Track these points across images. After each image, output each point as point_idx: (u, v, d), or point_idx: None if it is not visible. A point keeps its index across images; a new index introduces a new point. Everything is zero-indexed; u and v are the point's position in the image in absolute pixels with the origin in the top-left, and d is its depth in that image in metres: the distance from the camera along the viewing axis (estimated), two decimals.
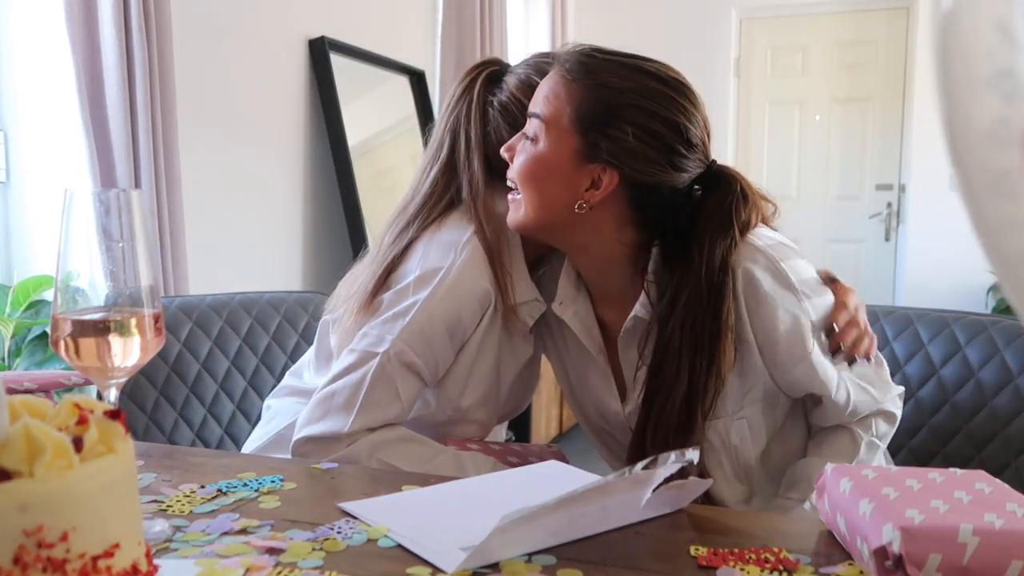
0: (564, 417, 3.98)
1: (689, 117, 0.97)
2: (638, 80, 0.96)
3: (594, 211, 0.99)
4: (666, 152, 0.96)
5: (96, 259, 0.70)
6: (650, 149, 0.96)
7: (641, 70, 0.97)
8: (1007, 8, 0.24)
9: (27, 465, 0.44)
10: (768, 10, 4.85)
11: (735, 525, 0.77)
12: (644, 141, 0.96)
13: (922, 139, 4.49)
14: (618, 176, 0.97)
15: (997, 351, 1.28)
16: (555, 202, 1.00)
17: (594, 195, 0.98)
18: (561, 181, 0.99)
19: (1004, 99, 0.24)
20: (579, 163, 0.98)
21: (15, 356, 1.80)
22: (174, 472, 0.90)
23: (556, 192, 0.99)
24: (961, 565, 0.59)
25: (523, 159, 1.01)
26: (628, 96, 0.96)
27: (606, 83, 0.96)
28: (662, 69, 0.99)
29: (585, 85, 0.97)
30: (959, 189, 0.26)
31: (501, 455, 1.12)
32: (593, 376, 1.11)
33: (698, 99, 1.00)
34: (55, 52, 1.80)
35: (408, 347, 1.03)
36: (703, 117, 1.00)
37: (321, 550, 0.69)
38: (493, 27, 3.87)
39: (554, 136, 0.98)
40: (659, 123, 0.96)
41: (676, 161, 0.97)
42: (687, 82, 1.00)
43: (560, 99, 0.98)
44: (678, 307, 0.97)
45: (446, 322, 1.04)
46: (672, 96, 0.97)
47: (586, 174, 0.98)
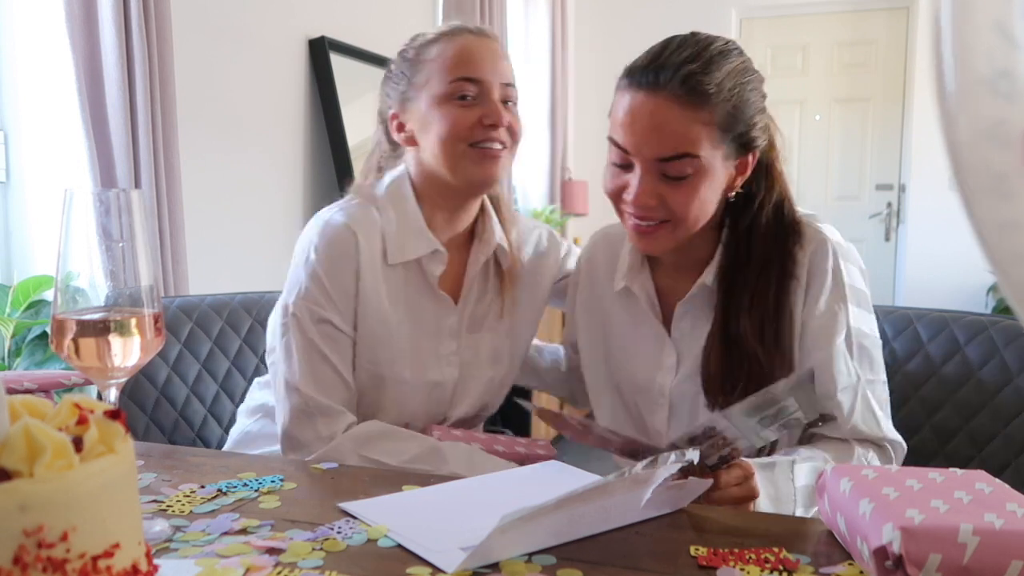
0: None
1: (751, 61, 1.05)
2: (731, 64, 0.99)
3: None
4: (765, 112, 1.04)
5: (96, 259, 0.70)
6: (763, 116, 1.04)
7: (725, 54, 1.00)
8: (1006, 9, 0.24)
9: (27, 465, 0.44)
10: (768, 10, 4.85)
11: (735, 525, 0.77)
12: (761, 111, 1.03)
13: (922, 139, 4.49)
14: (757, 152, 1.04)
15: (997, 351, 1.28)
16: (711, 207, 1.03)
17: (741, 179, 1.04)
18: (719, 188, 1.03)
19: (1003, 100, 0.24)
20: (731, 162, 1.02)
21: (15, 356, 1.80)
22: (174, 472, 0.90)
23: (714, 200, 1.03)
24: (961, 565, 0.59)
25: (688, 199, 0.99)
26: (741, 86, 0.99)
27: (720, 86, 0.97)
28: (726, 43, 1.02)
29: (707, 101, 0.96)
30: (958, 190, 0.26)
31: (487, 443, 1.14)
32: (645, 345, 1.13)
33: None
34: (55, 52, 1.80)
35: (307, 305, 1.09)
36: None
37: (321, 550, 0.69)
38: (493, 27, 3.87)
39: (706, 161, 0.98)
40: (759, 86, 1.03)
41: (767, 128, 1.05)
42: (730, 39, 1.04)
43: (694, 127, 0.97)
44: (748, 270, 1.03)
45: (328, 278, 1.10)
46: (745, 57, 1.03)
47: (736, 167, 1.03)
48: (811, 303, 1.03)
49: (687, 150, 0.97)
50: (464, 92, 1.10)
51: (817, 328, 1.02)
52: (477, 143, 1.11)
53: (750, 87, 1.00)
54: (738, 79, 0.99)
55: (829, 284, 1.03)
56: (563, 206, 4.72)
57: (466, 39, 1.13)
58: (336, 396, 1.09)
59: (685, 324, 1.10)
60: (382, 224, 1.14)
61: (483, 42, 1.14)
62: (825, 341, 1.02)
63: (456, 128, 1.10)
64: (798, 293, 1.04)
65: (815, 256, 1.04)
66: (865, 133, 4.74)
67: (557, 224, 4.46)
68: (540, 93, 4.70)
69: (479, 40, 1.14)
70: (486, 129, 1.11)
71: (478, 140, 1.11)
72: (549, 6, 4.68)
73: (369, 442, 1.06)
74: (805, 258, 1.04)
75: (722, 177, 1.01)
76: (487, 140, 1.11)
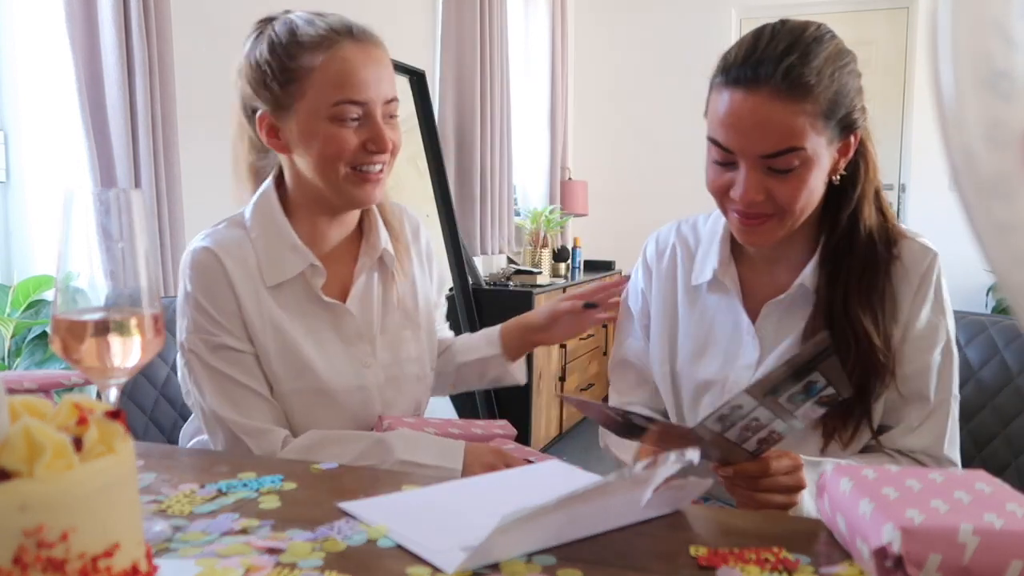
0: (564, 417, 3.98)
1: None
2: (826, 50, 0.98)
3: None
4: (862, 91, 1.03)
5: (96, 259, 0.70)
6: (861, 96, 1.02)
7: (819, 40, 0.98)
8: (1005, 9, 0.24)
9: (27, 465, 0.44)
10: (768, 10, 4.84)
11: (735, 525, 0.77)
12: (859, 91, 1.01)
13: (922, 139, 4.49)
14: (859, 132, 1.03)
15: (997, 351, 1.28)
16: (818, 194, 1.03)
17: (844, 160, 1.03)
18: (824, 173, 1.02)
19: (1002, 100, 0.24)
20: (834, 146, 1.01)
21: (15, 356, 1.80)
22: (174, 472, 0.90)
23: (821, 186, 1.02)
24: (961, 565, 0.59)
25: (796, 191, 0.98)
26: (839, 69, 0.98)
27: (820, 74, 0.96)
28: (818, 27, 1.01)
29: (809, 91, 0.95)
30: (957, 191, 0.26)
31: (441, 428, 1.14)
32: (721, 340, 1.13)
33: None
34: (55, 52, 1.80)
35: (198, 337, 1.09)
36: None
37: (321, 550, 0.69)
38: (493, 27, 3.87)
39: (812, 151, 0.97)
40: (855, 66, 1.01)
41: (863, 105, 1.04)
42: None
43: (798, 119, 0.95)
44: (852, 262, 1.04)
45: (209, 303, 1.09)
46: (838, 38, 1.02)
47: (839, 149, 1.02)
48: (915, 311, 1.04)
49: (793, 144, 0.96)
50: (347, 115, 1.06)
51: (919, 337, 1.04)
52: (359, 166, 1.09)
53: (847, 69, 0.99)
54: (836, 63, 0.97)
55: (931, 295, 1.04)
56: (563, 206, 4.73)
57: (347, 51, 1.07)
58: (259, 415, 1.09)
59: (771, 322, 1.10)
60: (253, 246, 1.12)
61: (366, 52, 1.09)
62: (926, 350, 1.04)
63: (338, 152, 1.07)
64: (902, 292, 1.05)
65: (926, 265, 1.05)
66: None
67: (557, 224, 4.46)
68: (540, 93, 4.70)
69: (362, 51, 1.08)
70: (369, 153, 1.09)
71: (360, 163, 1.09)
72: (549, 6, 4.68)
73: (311, 451, 1.06)
74: (909, 260, 1.05)
75: (827, 162, 1.00)
76: (369, 163, 1.10)
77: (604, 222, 5.11)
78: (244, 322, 1.10)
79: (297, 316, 1.13)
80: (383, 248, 1.19)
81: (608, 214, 5.12)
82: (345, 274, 1.19)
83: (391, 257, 1.21)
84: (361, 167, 1.09)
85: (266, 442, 1.07)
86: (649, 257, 1.24)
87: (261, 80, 1.09)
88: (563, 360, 3.90)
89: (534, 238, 4.32)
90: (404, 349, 1.22)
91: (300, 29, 1.08)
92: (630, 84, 5.12)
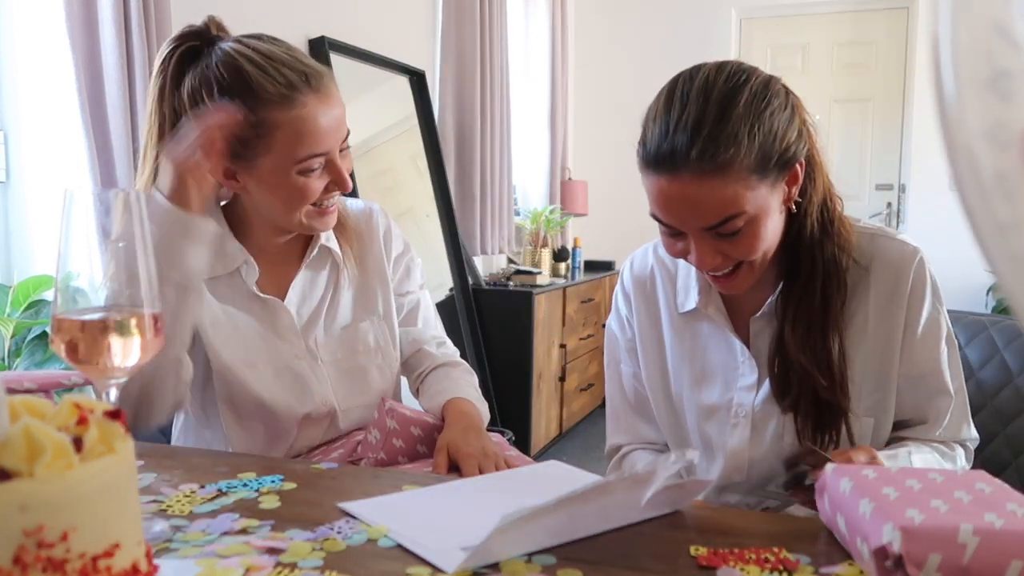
0: (564, 417, 3.98)
1: (759, 76, 0.98)
2: (741, 102, 0.93)
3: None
4: (795, 117, 0.99)
5: (96, 259, 0.70)
6: (794, 124, 0.98)
7: (731, 93, 0.94)
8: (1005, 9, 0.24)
9: (27, 465, 0.44)
10: (768, 10, 4.85)
11: (735, 525, 0.77)
12: (790, 121, 0.97)
13: (922, 139, 4.49)
14: (801, 161, 0.99)
15: (997, 351, 1.28)
16: (777, 234, 1.02)
17: (796, 187, 1.01)
18: (777, 213, 1.00)
19: (1002, 100, 0.24)
20: (780, 184, 0.98)
21: (15, 356, 1.80)
22: (174, 472, 0.90)
23: (778, 226, 1.01)
24: (961, 565, 0.59)
25: (750, 245, 0.97)
26: (759, 118, 0.93)
27: (738, 137, 0.92)
28: (728, 76, 0.95)
29: (730, 163, 0.92)
30: (957, 191, 0.26)
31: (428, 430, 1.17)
32: (717, 365, 1.12)
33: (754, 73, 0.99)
34: (55, 52, 1.80)
35: None
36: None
37: (321, 550, 0.69)
38: (493, 27, 3.87)
39: (754, 206, 0.94)
40: (779, 96, 0.97)
41: (801, 127, 1.00)
42: (741, 70, 0.98)
43: (727, 190, 0.92)
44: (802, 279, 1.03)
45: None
46: (754, 78, 0.96)
47: (787, 182, 0.99)
48: (914, 310, 1.04)
49: (730, 212, 0.93)
50: (312, 167, 1.10)
51: (925, 334, 1.05)
52: (319, 203, 1.14)
53: (769, 110, 0.94)
54: (753, 113, 0.93)
55: (928, 291, 1.05)
56: (563, 206, 4.73)
57: (309, 106, 1.07)
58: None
59: (762, 339, 1.09)
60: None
61: (324, 102, 1.09)
62: (933, 345, 1.05)
63: (304, 199, 1.12)
64: (886, 294, 1.05)
65: (913, 264, 1.05)
66: (865, 133, 4.73)
67: (557, 224, 4.46)
68: (540, 93, 4.70)
69: (321, 101, 1.09)
70: (329, 192, 1.14)
71: (320, 201, 1.14)
72: (549, 6, 4.68)
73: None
74: (887, 262, 1.05)
75: (776, 203, 0.98)
76: (327, 199, 1.15)
77: (604, 222, 5.11)
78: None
79: (231, 304, 1.17)
80: (324, 244, 1.24)
81: (608, 214, 5.12)
82: (290, 271, 1.23)
83: (337, 255, 1.25)
84: (321, 203, 1.14)
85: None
86: (627, 284, 1.22)
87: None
88: (563, 360, 3.90)
89: (534, 238, 4.32)
90: (362, 341, 1.25)
91: (257, 82, 1.06)
92: (630, 84, 5.12)
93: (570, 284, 3.99)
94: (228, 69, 1.07)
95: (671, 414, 1.17)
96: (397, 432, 1.14)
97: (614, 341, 1.24)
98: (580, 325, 4.12)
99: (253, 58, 1.07)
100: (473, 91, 3.74)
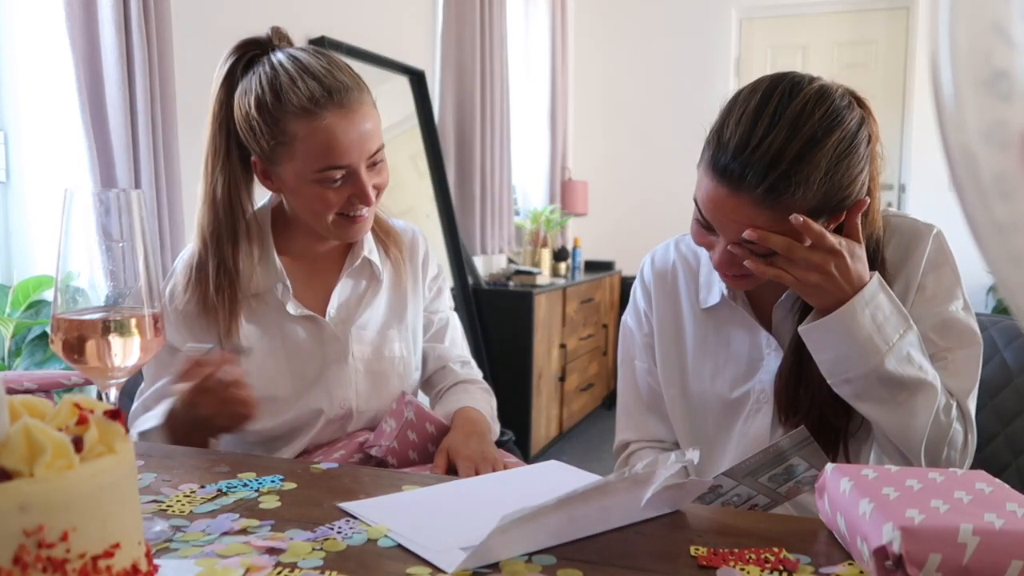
0: (564, 417, 3.98)
1: (854, 120, 0.95)
2: (824, 151, 0.91)
3: None
4: (865, 168, 0.96)
5: (96, 259, 0.70)
6: (864, 174, 0.96)
7: (820, 138, 0.91)
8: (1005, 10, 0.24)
9: (27, 465, 0.44)
10: (768, 10, 4.85)
11: (735, 525, 0.77)
12: (861, 171, 0.95)
13: (922, 139, 4.49)
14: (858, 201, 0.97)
15: (997, 351, 1.28)
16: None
17: (835, 225, 0.98)
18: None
19: (1002, 100, 0.24)
20: (822, 221, 0.96)
21: (15, 356, 1.80)
22: (174, 472, 0.90)
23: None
24: (961, 565, 0.59)
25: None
26: (835, 168, 0.92)
27: (809, 183, 0.91)
28: (823, 116, 0.93)
29: (793, 202, 0.91)
30: (956, 191, 0.26)
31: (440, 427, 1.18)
32: (739, 355, 1.12)
33: (841, 97, 0.97)
34: (55, 52, 1.80)
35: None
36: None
37: (321, 550, 0.69)
38: (493, 27, 3.87)
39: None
40: (859, 149, 0.94)
41: (871, 171, 0.98)
42: (824, 93, 0.95)
43: (779, 224, 0.92)
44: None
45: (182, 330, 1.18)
46: (847, 123, 0.94)
47: (829, 221, 0.97)
48: (926, 276, 1.03)
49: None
50: (332, 178, 1.12)
51: (931, 295, 1.02)
52: (346, 213, 1.16)
53: (848, 161, 0.93)
54: (833, 162, 0.92)
55: (943, 263, 1.03)
56: (563, 206, 4.73)
57: (330, 120, 1.09)
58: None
59: (786, 325, 1.09)
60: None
61: (348, 119, 1.10)
62: (945, 302, 1.02)
63: (325, 209, 1.14)
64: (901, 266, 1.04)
65: (928, 238, 1.04)
66: None
67: (557, 224, 4.46)
68: (540, 93, 4.70)
69: (344, 117, 1.10)
70: (354, 205, 1.15)
71: (347, 211, 1.16)
72: (549, 6, 4.68)
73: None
74: (902, 240, 1.04)
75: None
76: (355, 211, 1.16)
77: (604, 222, 5.11)
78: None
79: (266, 328, 1.21)
80: (364, 255, 1.26)
81: (608, 214, 5.12)
82: (331, 280, 1.26)
83: (376, 266, 1.27)
84: (348, 213, 1.16)
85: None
86: (647, 278, 1.22)
87: (251, 132, 1.13)
88: (563, 360, 3.90)
89: (534, 238, 4.32)
90: (388, 347, 1.27)
91: (284, 92, 1.10)
92: (630, 84, 5.12)
93: (570, 284, 4.00)
94: (267, 79, 1.12)
95: (686, 409, 1.18)
96: (413, 424, 1.15)
97: (630, 337, 1.24)
98: (580, 325, 4.12)
99: (289, 69, 1.11)
100: (473, 91, 3.74)
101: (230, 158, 1.16)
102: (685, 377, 1.17)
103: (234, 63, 1.15)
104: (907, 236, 1.05)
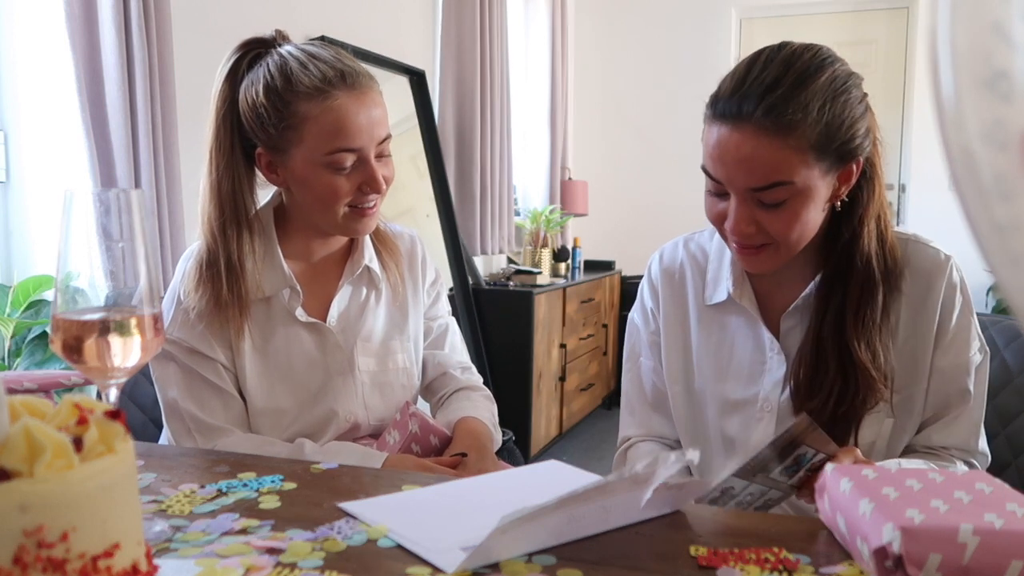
0: (564, 417, 3.98)
1: (845, 68, 0.99)
2: (818, 81, 0.94)
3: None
4: (867, 115, 1.00)
5: (96, 259, 0.70)
6: (865, 121, 0.99)
7: (813, 70, 0.95)
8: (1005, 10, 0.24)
9: (27, 465, 0.44)
10: (768, 10, 4.85)
11: (735, 525, 0.77)
12: (862, 117, 0.98)
13: (922, 139, 4.49)
14: (862, 159, 1.00)
15: (997, 351, 1.28)
16: (814, 225, 1.01)
17: (846, 188, 1.01)
18: (821, 204, 1.00)
19: (1002, 100, 0.24)
20: (832, 175, 0.98)
21: (15, 356, 1.80)
22: (174, 472, 0.90)
23: (817, 217, 1.01)
24: (961, 565, 0.59)
25: (787, 224, 0.98)
26: (833, 101, 0.94)
27: (807, 109, 0.93)
28: (815, 54, 0.96)
29: (793, 127, 0.93)
30: (956, 191, 0.26)
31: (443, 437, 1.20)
32: (744, 359, 1.13)
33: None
34: (55, 52, 1.80)
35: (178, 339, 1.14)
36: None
37: (321, 550, 0.69)
38: (493, 27, 3.87)
39: (802, 184, 0.95)
40: (856, 92, 0.98)
41: (871, 128, 1.01)
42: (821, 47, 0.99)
43: (783, 154, 0.94)
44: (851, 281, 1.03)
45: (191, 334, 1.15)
46: (837, 65, 0.97)
47: (839, 177, 1.00)
48: (945, 317, 1.05)
49: (780, 178, 0.94)
50: (342, 163, 1.11)
51: (954, 338, 1.05)
52: (355, 204, 1.15)
53: (843, 99, 0.95)
54: (828, 95, 0.94)
55: (959, 299, 1.06)
56: (563, 206, 4.72)
57: (341, 100, 1.09)
58: (219, 413, 1.15)
59: (793, 337, 1.10)
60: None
61: (359, 100, 1.10)
62: (963, 348, 1.05)
63: (335, 197, 1.13)
64: (918, 300, 1.05)
65: (945, 270, 1.05)
66: None
67: (557, 224, 4.46)
68: (540, 93, 4.70)
69: (355, 99, 1.10)
70: (364, 194, 1.14)
71: (357, 202, 1.15)
72: (549, 6, 4.68)
73: (239, 446, 1.12)
74: (920, 268, 1.06)
75: (824, 192, 0.98)
76: (365, 201, 1.15)
77: (604, 222, 5.11)
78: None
79: (276, 328, 1.20)
80: (365, 264, 1.25)
81: (608, 214, 5.11)
82: (330, 287, 1.24)
83: (376, 274, 1.26)
84: (358, 204, 1.15)
85: (211, 440, 1.13)
86: (655, 276, 1.22)
87: (258, 121, 1.12)
88: (563, 360, 3.90)
89: (534, 238, 4.32)
90: (392, 359, 1.26)
91: (295, 75, 1.09)
92: (630, 84, 5.12)
93: (570, 284, 3.99)
94: (276, 67, 1.11)
95: (690, 408, 1.18)
96: (417, 437, 1.15)
97: (636, 334, 1.25)
98: (580, 325, 4.12)
99: (299, 56, 1.11)
100: (473, 91, 3.74)
101: (234, 153, 1.15)
102: (689, 374, 1.17)
103: (238, 59, 1.15)
104: (924, 271, 1.06)
